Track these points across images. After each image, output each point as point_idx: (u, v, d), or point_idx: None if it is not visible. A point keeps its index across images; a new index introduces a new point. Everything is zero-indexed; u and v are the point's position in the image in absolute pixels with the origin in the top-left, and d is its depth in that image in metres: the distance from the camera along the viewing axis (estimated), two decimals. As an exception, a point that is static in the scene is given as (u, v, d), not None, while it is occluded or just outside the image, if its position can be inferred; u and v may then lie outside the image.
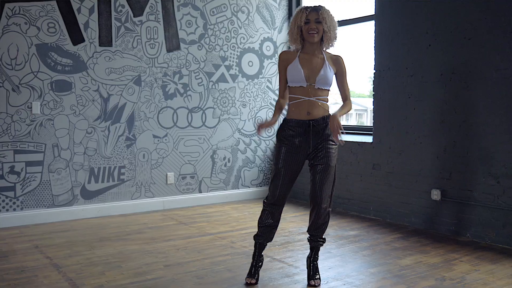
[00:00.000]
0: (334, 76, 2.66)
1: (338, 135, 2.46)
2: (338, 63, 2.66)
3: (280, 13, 5.31)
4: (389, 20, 4.13)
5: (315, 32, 2.55)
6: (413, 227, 3.95)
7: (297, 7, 5.32)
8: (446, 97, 3.72)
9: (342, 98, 2.71)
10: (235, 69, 5.03)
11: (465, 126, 3.61)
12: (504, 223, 3.40)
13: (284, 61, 2.66)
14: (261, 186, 5.27)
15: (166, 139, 4.63)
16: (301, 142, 2.59)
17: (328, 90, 2.63)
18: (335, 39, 2.62)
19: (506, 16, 3.34)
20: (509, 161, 3.36)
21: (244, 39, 5.07)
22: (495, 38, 3.41)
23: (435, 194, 3.78)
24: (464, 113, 3.61)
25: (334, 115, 2.50)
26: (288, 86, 2.66)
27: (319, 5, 2.61)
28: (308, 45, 2.62)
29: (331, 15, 2.59)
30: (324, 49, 2.66)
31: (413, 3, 3.92)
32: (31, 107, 3.96)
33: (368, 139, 4.39)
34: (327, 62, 2.61)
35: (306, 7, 2.60)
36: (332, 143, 2.61)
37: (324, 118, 2.60)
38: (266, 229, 2.70)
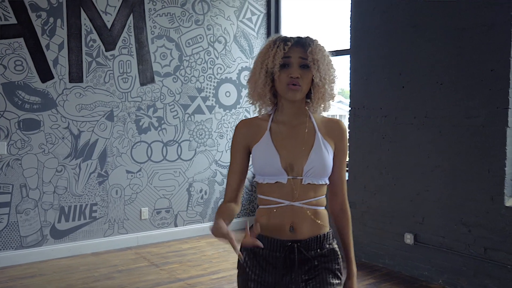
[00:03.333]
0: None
1: None
2: (338, 135, 1.55)
3: (258, 42, 5.24)
4: (364, 56, 4.07)
5: (299, 85, 1.45)
6: (387, 270, 3.90)
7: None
8: (420, 140, 3.67)
9: (331, 192, 1.61)
10: (212, 100, 4.95)
11: (438, 172, 3.56)
12: (475, 272, 3.36)
13: (244, 137, 1.56)
14: (239, 217, 5.21)
15: (140, 174, 4.55)
16: (278, 279, 1.49)
17: (325, 184, 1.54)
18: (332, 98, 1.53)
19: (477, 63, 3.29)
20: (480, 210, 3.31)
21: (221, 69, 4.99)
22: (467, 85, 3.36)
23: (408, 238, 3.74)
24: (437, 158, 3.57)
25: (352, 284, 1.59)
26: (256, 181, 1.56)
27: (308, 37, 1.51)
28: (285, 104, 1.53)
29: (328, 55, 1.51)
30: (311, 111, 1.57)
31: (386, 42, 3.86)
32: (-3, 148, 3.87)
33: (344, 176, 4.34)
34: (319, 135, 1.52)
35: (285, 38, 1.49)
36: (336, 280, 1.52)
37: (319, 239, 1.50)
38: None
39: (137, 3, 4.44)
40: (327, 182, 1.55)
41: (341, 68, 4.56)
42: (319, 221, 1.51)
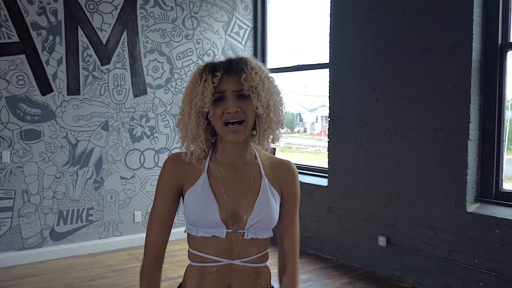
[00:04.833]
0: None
1: None
2: (287, 180, 1.34)
3: (245, 54, 5.52)
4: (341, 71, 4.36)
5: (241, 119, 1.24)
6: (363, 270, 4.20)
7: (262, 48, 5.55)
8: (391, 150, 3.97)
9: (281, 248, 1.37)
10: (202, 110, 5.24)
11: (408, 179, 3.86)
12: (441, 272, 3.66)
13: (176, 177, 1.31)
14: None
15: (133, 180, 4.85)
16: None
17: (269, 238, 1.34)
18: (280, 127, 1.31)
19: (442, 80, 3.59)
20: (445, 215, 3.61)
21: (211, 80, 5.28)
22: (433, 100, 3.66)
23: (381, 241, 4.03)
24: (407, 167, 3.86)
25: None
26: (188, 233, 1.34)
27: (240, 58, 1.30)
28: (226, 143, 1.30)
29: (267, 75, 1.29)
30: (258, 145, 1.36)
31: (362, 58, 4.16)
32: (1, 156, 4.16)
33: (324, 182, 4.63)
34: (266, 180, 1.31)
35: (213, 67, 1.27)
36: None
37: None
38: None
39: (130, 20, 4.73)
40: (271, 234, 1.32)
41: (322, 79, 4.87)
42: (262, 283, 1.30)
